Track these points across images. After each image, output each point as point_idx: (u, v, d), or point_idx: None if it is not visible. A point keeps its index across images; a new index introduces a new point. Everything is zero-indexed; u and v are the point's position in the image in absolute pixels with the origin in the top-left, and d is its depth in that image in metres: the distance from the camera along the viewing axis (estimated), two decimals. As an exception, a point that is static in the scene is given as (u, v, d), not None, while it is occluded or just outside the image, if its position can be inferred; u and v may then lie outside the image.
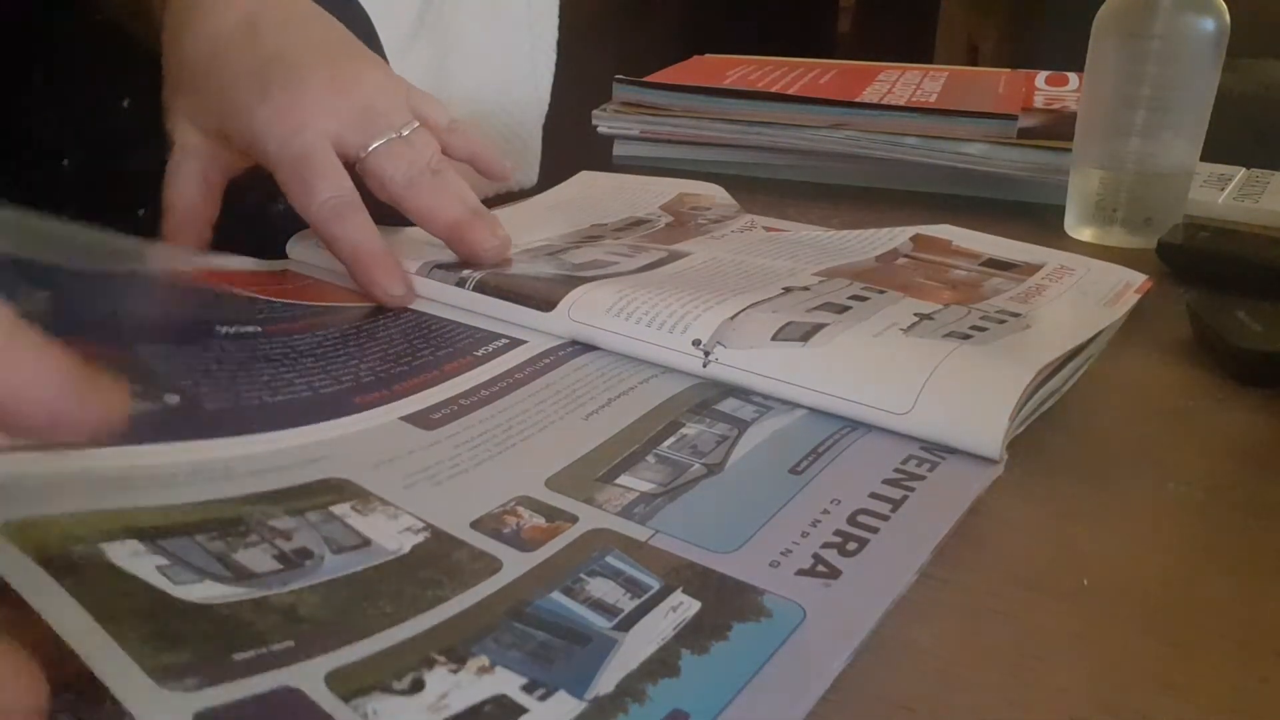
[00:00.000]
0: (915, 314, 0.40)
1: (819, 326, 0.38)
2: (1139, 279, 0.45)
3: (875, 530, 0.29)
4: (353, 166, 0.44)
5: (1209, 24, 0.53)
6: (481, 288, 0.43)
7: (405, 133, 0.44)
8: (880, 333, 0.38)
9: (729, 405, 0.36)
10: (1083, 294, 0.44)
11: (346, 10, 0.49)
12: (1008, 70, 0.84)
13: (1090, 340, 0.39)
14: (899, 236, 0.52)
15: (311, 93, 0.42)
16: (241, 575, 0.25)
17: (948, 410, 0.34)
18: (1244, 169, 0.70)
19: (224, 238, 0.45)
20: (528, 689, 0.22)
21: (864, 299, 0.42)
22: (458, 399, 0.36)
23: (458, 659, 0.23)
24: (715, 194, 0.60)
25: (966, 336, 0.38)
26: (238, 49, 0.43)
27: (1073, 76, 0.79)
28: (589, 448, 0.33)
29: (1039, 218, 0.62)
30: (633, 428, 0.35)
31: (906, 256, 0.49)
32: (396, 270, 0.43)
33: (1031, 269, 0.47)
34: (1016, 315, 0.41)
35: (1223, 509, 0.33)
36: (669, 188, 0.61)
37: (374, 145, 0.43)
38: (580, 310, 0.40)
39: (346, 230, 0.42)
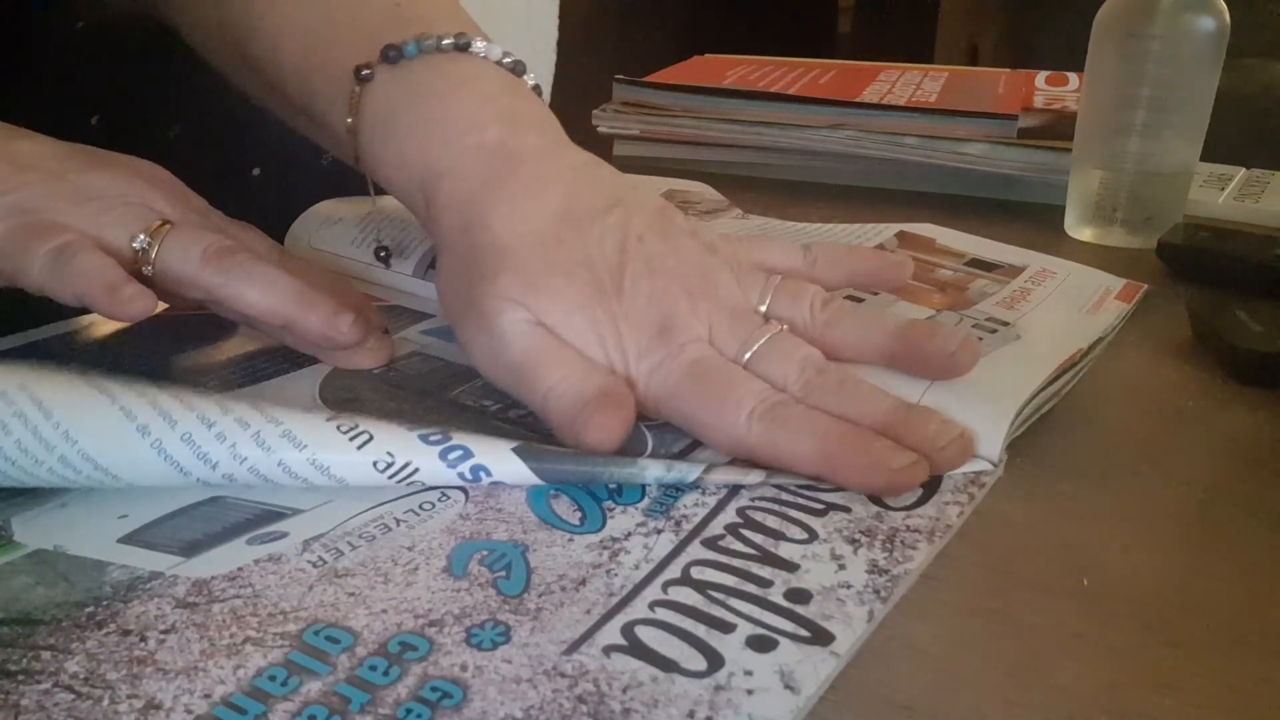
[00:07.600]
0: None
1: None
2: (1119, 284, 0.46)
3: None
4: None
5: (1209, 24, 0.53)
6: None
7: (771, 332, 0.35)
8: None
9: None
10: (1065, 299, 0.44)
11: None
12: (1008, 70, 0.84)
13: (1089, 349, 0.39)
14: (884, 233, 0.52)
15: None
16: None
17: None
18: (1244, 169, 0.70)
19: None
20: None
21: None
22: None
23: None
24: (705, 191, 0.60)
25: None
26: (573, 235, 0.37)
27: (1073, 76, 0.79)
28: None
29: (1039, 218, 0.62)
30: None
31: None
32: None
33: (1014, 271, 0.47)
34: (1006, 324, 0.41)
35: (1223, 509, 0.33)
36: (657, 185, 0.61)
37: (754, 346, 0.35)
38: None
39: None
